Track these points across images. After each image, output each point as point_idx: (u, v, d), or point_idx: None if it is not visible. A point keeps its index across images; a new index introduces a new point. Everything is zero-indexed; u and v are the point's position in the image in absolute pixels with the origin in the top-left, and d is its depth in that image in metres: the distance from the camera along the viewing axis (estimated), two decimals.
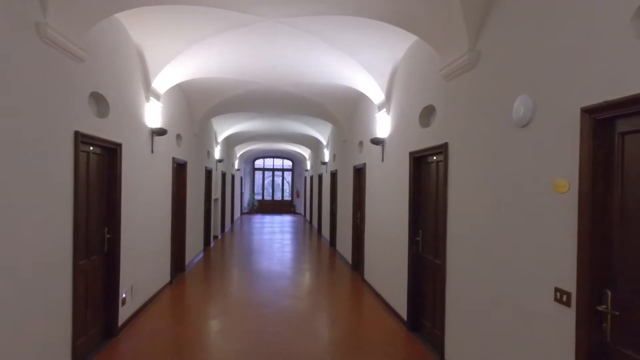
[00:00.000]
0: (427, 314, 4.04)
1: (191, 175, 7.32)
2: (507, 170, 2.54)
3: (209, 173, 9.25)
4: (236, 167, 15.68)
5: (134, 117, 4.36)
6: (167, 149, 5.66)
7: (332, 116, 7.76)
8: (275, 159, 21.77)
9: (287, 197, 22.07)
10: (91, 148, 3.50)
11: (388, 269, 5.09)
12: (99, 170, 3.71)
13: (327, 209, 10.73)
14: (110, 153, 3.87)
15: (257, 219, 17.82)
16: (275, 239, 11.43)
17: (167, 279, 5.90)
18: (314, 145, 13.62)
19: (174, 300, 5.27)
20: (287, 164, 21.86)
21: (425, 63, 3.94)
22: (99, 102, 3.64)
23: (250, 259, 8.21)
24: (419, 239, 4.17)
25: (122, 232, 4.04)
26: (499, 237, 2.62)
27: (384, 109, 5.25)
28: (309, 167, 16.49)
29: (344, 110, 7.50)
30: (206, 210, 9.11)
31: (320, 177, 12.57)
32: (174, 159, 6.00)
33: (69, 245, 3.08)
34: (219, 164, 10.78)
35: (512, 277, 2.46)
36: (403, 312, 4.47)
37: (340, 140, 8.75)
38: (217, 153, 10.30)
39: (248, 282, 6.33)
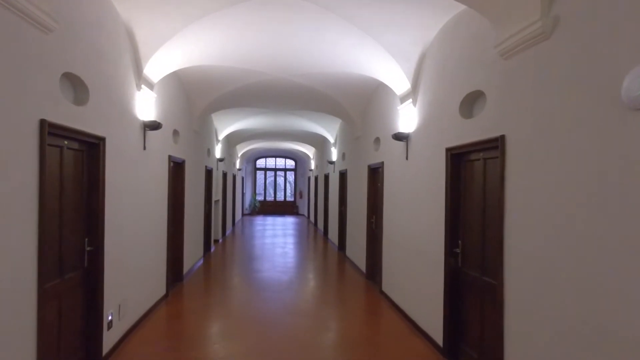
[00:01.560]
0: (469, 339, 3.39)
1: (190, 175, 6.67)
2: (615, 166, 1.90)
3: (209, 173, 8.60)
4: (237, 166, 15.04)
5: (122, 107, 3.71)
6: (162, 146, 5.01)
7: (344, 111, 7.11)
8: (277, 159, 21.12)
9: (289, 197, 21.42)
10: (65, 142, 2.85)
11: (415, 282, 4.44)
12: (76, 169, 3.06)
13: (335, 212, 10.07)
14: (91, 149, 3.22)
15: (259, 220, 17.18)
16: (279, 242, 10.76)
17: (163, 291, 5.25)
18: (320, 143, 12.96)
19: (170, 318, 4.62)
20: (290, 163, 21.20)
21: (469, 41, 3.30)
22: (76, 87, 2.99)
23: (253, 267, 7.55)
24: (458, 250, 3.53)
25: (107, 243, 3.39)
26: (609, 255, 1.98)
27: (409, 100, 4.61)
28: (313, 167, 15.83)
29: (358, 103, 6.85)
30: (206, 212, 8.46)
31: (326, 177, 11.92)
32: (170, 157, 5.36)
33: (33, 263, 2.43)
34: (219, 163, 10.13)
35: (625, 313, 1.82)
36: (436, 335, 3.83)
37: (351, 138, 8.10)
38: (217, 151, 9.65)
39: (252, 294, 5.67)
